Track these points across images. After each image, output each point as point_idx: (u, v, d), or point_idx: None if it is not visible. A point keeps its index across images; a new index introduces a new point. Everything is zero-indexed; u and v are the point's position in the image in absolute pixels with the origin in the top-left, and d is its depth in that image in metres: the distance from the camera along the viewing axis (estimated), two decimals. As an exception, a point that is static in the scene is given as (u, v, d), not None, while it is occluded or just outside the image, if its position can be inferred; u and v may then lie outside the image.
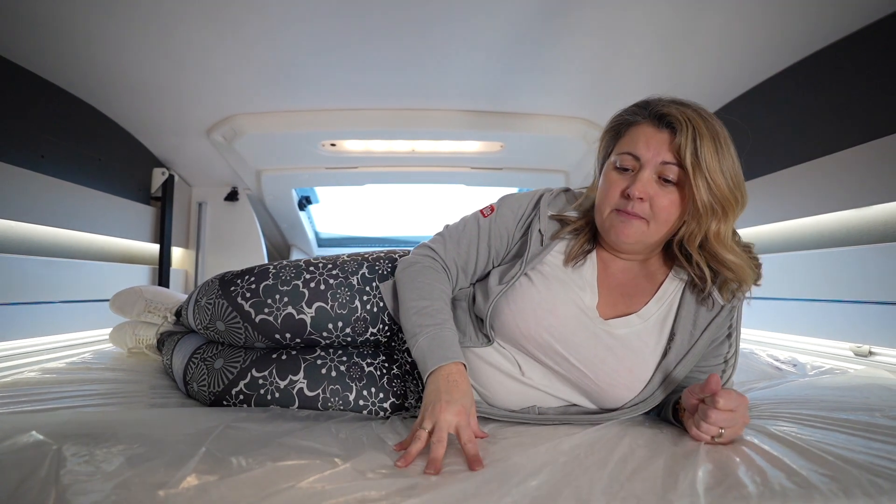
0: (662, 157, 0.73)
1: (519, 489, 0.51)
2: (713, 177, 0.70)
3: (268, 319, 0.92)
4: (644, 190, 0.73)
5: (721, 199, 0.71)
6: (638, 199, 0.74)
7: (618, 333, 0.79)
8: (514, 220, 0.88)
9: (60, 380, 1.06)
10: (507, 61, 1.61)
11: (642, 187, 0.73)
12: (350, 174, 2.44)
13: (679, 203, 0.74)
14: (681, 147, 0.71)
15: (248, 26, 1.40)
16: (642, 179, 0.73)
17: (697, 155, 0.70)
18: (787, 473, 0.54)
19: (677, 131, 0.71)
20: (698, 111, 0.73)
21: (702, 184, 0.70)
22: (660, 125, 0.74)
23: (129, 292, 1.40)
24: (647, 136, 0.74)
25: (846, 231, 1.43)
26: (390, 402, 0.91)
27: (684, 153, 0.70)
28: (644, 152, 0.74)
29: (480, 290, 0.89)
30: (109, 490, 0.49)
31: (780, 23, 1.33)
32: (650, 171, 0.74)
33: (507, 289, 0.82)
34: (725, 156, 0.72)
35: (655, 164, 0.73)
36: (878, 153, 1.29)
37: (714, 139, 0.71)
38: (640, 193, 0.73)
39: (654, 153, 0.73)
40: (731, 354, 0.83)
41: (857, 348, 1.38)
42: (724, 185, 0.71)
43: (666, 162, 0.73)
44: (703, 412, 0.65)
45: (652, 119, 0.75)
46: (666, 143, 0.73)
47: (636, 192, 0.73)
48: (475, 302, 0.89)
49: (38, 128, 1.59)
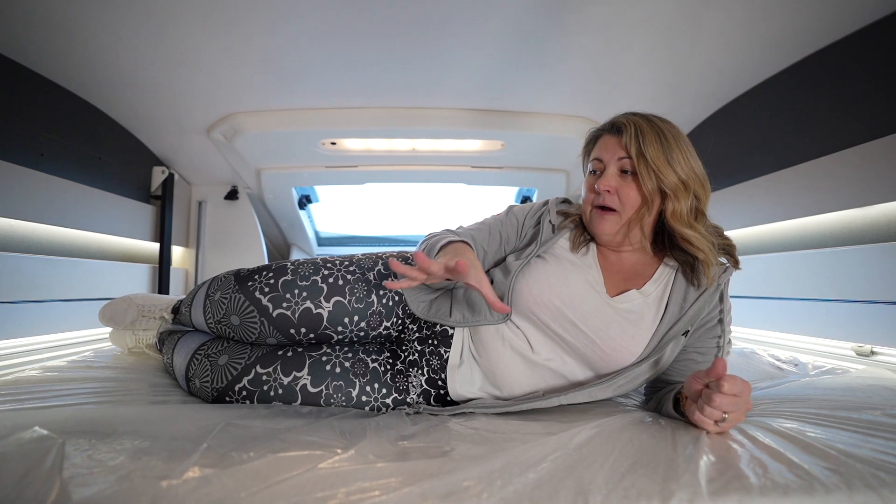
0: (618, 154, 0.88)
1: (521, 479, 0.51)
2: (657, 165, 0.84)
3: (285, 314, 0.94)
4: (608, 183, 0.88)
5: (669, 185, 0.84)
6: (605, 192, 0.88)
7: (621, 307, 0.87)
8: (524, 213, 1.02)
9: (62, 378, 1.06)
10: (508, 59, 1.61)
11: (606, 181, 0.88)
12: (350, 173, 2.44)
13: (638, 190, 0.87)
14: (627, 144, 0.86)
15: (247, 24, 1.40)
16: (606, 175, 0.88)
17: (641, 148, 0.84)
18: (788, 466, 0.54)
19: (623, 132, 0.87)
20: (646, 116, 0.89)
21: (646, 171, 0.84)
22: (613, 132, 0.90)
23: (120, 301, 1.36)
24: (606, 142, 0.91)
25: (848, 230, 1.43)
26: (392, 398, 0.92)
27: (630, 147, 0.86)
28: (604, 154, 0.90)
29: (500, 271, 0.95)
30: (112, 482, 0.49)
31: (783, 20, 1.33)
32: (612, 168, 0.88)
33: (525, 265, 0.91)
34: (672, 149, 0.85)
35: (614, 161, 0.88)
36: (881, 152, 1.29)
37: (658, 135, 0.85)
38: (606, 186, 0.88)
39: (611, 153, 0.89)
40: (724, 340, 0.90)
41: (860, 348, 1.38)
42: (670, 173, 0.84)
43: (621, 157, 0.87)
44: (707, 396, 0.67)
45: (610, 129, 0.91)
46: (618, 143, 0.88)
47: (602, 185, 0.88)
48: (493, 282, 0.94)
49: (37, 126, 1.59)
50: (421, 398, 0.93)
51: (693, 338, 0.88)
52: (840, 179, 1.42)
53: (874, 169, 1.31)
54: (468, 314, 0.91)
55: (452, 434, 0.68)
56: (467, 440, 0.67)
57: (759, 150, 1.72)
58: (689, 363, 0.88)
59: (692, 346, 0.89)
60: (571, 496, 0.49)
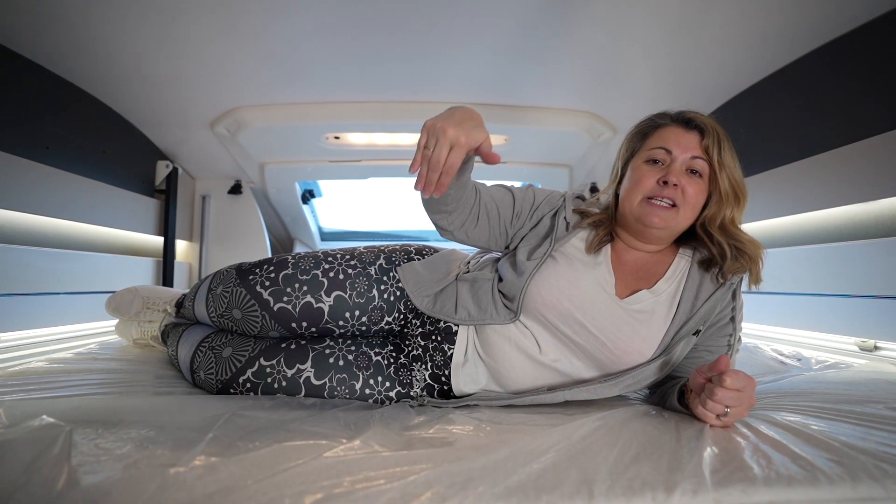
0: (693, 153, 0.85)
1: (525, 470, 0.52)
2: (731, 172, 0.85)
3: (286, 308, 0.94)
4: (679, 178, 0.84)
5: (737, 191, 0.85)
6: (673, 186, 0.83)
7: (633, 308, 0.85)
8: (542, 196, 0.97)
9: (68, 369, 1.07)
10: (511, 54, 1.60)
11: (677, 175, 0.84)
12: (353, 168, 2.44)
13: (703, 192, 0.86)
14: (709, 147, 0.84)
15: (252, 18, 1.40)
16: (676, 169, 0.84)
17: (721, 154, 0.84)
18: (792, 458, 0.54)
19: (705, 134, 0.85)
20: (714, 121, 0.88)
21: (725, 177, 0.84)
22: (688, 127, 0.87)
23: (125, 293, 1.40)
24: (678, 135, 0.86)
25: (853, 225, 1.42)
26: (396, 391, 0.92)
27: (712, 152, 0.84)
28: (675, 147, 0.85)
29: (509, 266, 0.92)
30: (120, 469, 0.49)
31: (791, 12, 1.31)
32: (681, 163, 0.85)
33: (537, 269, 0.88)
34: (736, 159, 0.86)
35: (686, 158, 0.85)
36: (884, 147, 1.28)
37: (730, 143, 0.86)
38: (676, 180, 0.83)
39: (685, 148, 0.85)
40: (734, 338, 0.88)
41: (863, 343, 1.38)
42: (738, 180, 0.85)
43: (696, 157, 0.85)
44: (710, 390, 0.67)
45: (679, 122, 0.88)
46: (696, 142, 0.85)
47: (673, 178, 0.83)
48: (504, 281, 0.91)
49: (43, 119, 1.59)
50: (424, 392, 0.93)
51: (704, 336, 0.86)
52: (844, 174, 1.42)
53: (878, 164, 1.31)
54: (474, 312, 0.90)
55: (457, 425, 0.69)
56: (472, 431, 0.67)
57: (761, 146, 1.71)
58: (698, 361, 0.86)
59: (702, 345, 0.87)
60: (575, 486, 0.49)
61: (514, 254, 0.94)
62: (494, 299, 0.90)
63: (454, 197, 0.84)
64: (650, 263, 0.90)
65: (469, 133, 0.71)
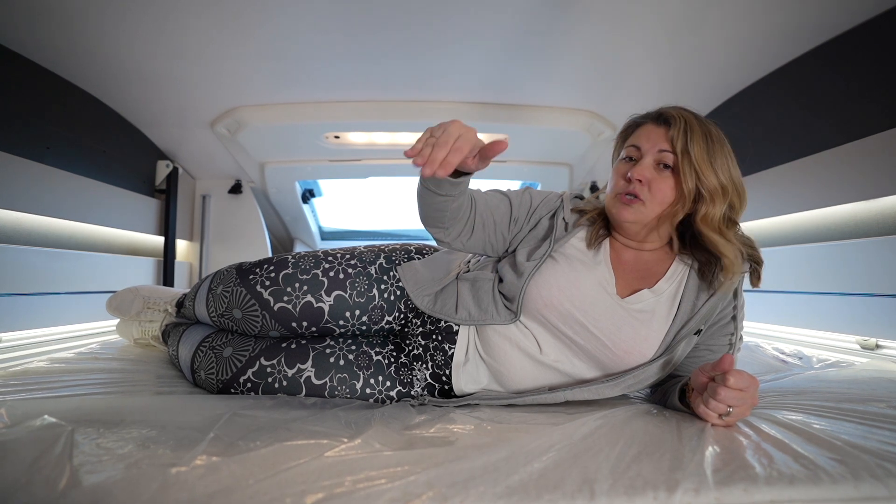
0: (659, 146, 0.83)
1: (526, 468, 0.52)
2: (700, 166, 0.80)
3: (286, 307, 0.94)
4: (642, 173, 0.83)
5: (708, 187, 0.80)
6: (637, 181, 0.83)
7: (634, 308, 0.84)
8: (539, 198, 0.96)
9: (69, 369, 1.07)
10: (512, 53, 1.60)
11: (640, 171, 0.84)
12: (353, 167, 2.44)
13: (674, 187, 0.83)
14: (674, 137, 0.82)
15: (251, 17, 1.40)
16: (642, 164, 0.84)
17: (687, 145, 0.80)
18: (794, 457, 0.54)
19: (671, 125, 0.83)
20: (694, 114, 0.85)
21: (688, 170, 0.81)
22: (659, 122, 0.86)
23: (126, 292, 1.41)
24: (648, 131, 0.86)
25: (854, 223, 1.42)
26: (396, 391, 0.92)
27: (676, 142, 0.81)
28: (644, 143, 0.85)
29: (509, 267, 0.92)
30: (122, 469, 0.49)
31: (792, 10, 1.31)
32: (650, 158, 0.84)
33: (538, 266, 0.87)
34: (717, 153, 0.81)
35: (654, 152, 0.84)
36: (885, 145, 1.28)
37: (705, 136, 0.81)
38: (639, 175, 0.83)
39: (653, 143, 0.84)
40: (736, 337, 0.88)
41: (864, 341, 1.37)
42: (712, 176, 0.80)
43: (662, 150, 0.83)
44: (713, 389, 0.67)
45: (654, 118, 0.87)
46: (663, 135, 0.84)
47: (635, 174, 0.84)
48: (502, 281, 0.91)
49: (43, 119, 1.59)
50: (425, 391, 0.93)
51: (706, 335, 0.86)
52: (844, 172, 1.41)
53: (879, 162, 1.30)
54: (475, 312, 0.89)
55: (458, 424, 0.69)
56: (473, 430, 0.67)
57: (762, 144, 1.71)
58: (699, 360, 0.86)
59: (703, 344, 0.87)
60: (577, 485, 0.49)
61: (513, 255, 0.94)
62: (495, 299, 0.90)
63: (451, 212, 0.84)
64: (650, 263, 0.90)
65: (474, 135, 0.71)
